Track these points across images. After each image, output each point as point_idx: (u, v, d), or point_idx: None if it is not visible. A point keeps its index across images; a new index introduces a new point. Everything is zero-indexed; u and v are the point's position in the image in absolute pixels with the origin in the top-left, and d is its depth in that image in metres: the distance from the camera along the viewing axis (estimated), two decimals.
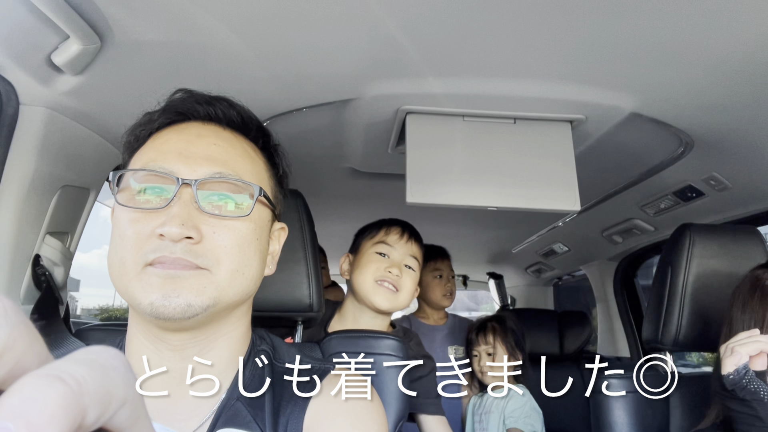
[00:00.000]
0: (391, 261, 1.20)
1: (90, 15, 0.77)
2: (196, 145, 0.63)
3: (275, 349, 0.72)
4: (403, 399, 0.88)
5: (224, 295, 0.60)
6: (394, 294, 1.18)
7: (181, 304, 0.57)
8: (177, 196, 0.59)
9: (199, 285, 0.58)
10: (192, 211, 0.59)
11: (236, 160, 0.65)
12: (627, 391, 0.97)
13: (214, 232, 0.60)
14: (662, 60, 0.90)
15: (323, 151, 1.46)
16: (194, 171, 0.61)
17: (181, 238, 0.57)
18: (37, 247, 0.97)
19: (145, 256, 0.57)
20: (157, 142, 0.65)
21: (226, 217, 0.61)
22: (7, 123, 0.89)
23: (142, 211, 0.59)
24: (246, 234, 0.62)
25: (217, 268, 0.60)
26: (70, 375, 0.17)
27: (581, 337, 2.16)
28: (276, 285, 0.94)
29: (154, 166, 0.61)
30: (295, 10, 0.79)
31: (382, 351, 0.89)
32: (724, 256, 1.06)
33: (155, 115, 0.67)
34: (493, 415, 1.66)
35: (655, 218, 1.72)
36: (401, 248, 1.22)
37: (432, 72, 0.99)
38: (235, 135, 0.68)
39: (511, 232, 2.55)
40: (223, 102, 0.68)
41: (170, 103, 0.68)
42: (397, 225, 1.25)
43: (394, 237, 1.22)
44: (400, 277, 1.18)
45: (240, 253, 0.62)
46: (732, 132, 1.12)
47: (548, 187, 1.14)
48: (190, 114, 0.67)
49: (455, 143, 1.15)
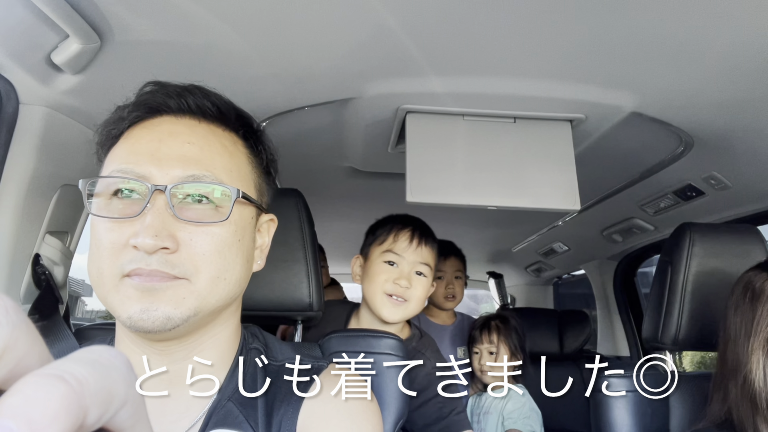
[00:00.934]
0: (399, 271, 1.15)
1: (90, 14, 0.77)
2: (168, 145, 0.60)
3: (268, 347, 0.70)
4: (402, 399, 0.88)
5: (205, 304, 0.58)
6: (402, 306, 1.14)
7: (159, 317, 0.55)
8: (150, 203, 0.56)
9: (178, 296, 0.56)
10: (166, 219, 0.56)
11: (212, 158, 0.61)
12: (627, 391, 0.97)
13: (192, 239, 0.57)
14: (662, 59, 0.90)
15: (323, 150, 1.46)
16: (167, 174, 0.58)
17: (155, 249, 0.55)
18: (36, 246, 0.97)
19: (121, 268, 0.55)
20: (129, 142, 0.61)
21: (203, 223, 0.58)
22: (7, 122, 0.89)
23: (116, 220, 0.57)
24: (225, 238, 0.59)
25: (196, 277, 0.57)
26: (72, 375, 0.17)
27: (581, 337, 2.16)
28: (276, 284, 0.94)
29: (125, 169, 0.58)
30: (295, 10, 0.79)
31: (381, 350, 0.89)
32: (724, 256, 1.06)
33: (125, 111, 0.63)
34: (491, 415, 1.65)
35: (655, 217, 1.72)
36: (411, 256, 1.16)
37: (432, 71, 0.99)
38: (211, 128, 0.64)
39: (511, 231, 2.55)
40: (197, 92, 0.64)
41: (140, 98, 0.64)
42: (406, 229, 1.19)
43: (403, 244, 1.16)
44: (409, 288, 1.14)
45: (220, 259, 0.59)
46: (732, 131, 1.12)
47: (548, 187, 1.14)
48: (162, 108, 0.63)
49: (455, 142, 1.15)
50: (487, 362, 1.70)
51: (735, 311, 0.84)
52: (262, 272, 0.93)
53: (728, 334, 0.83)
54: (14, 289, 0.93)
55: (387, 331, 1.02)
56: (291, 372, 0.67)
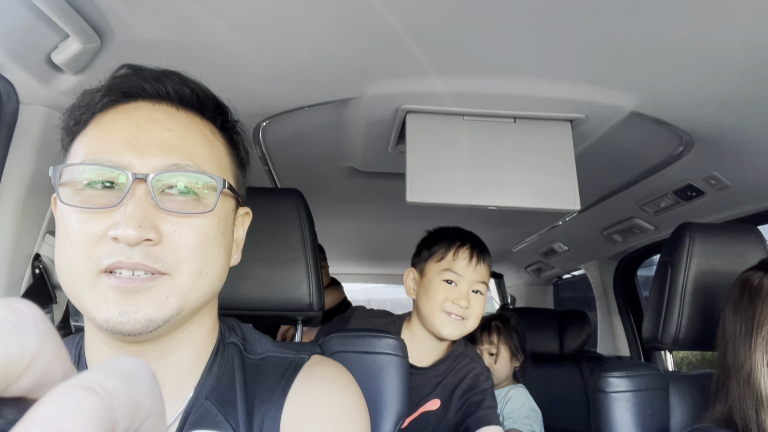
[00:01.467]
0: (459, 291, 1.15)
1: (90, 14, 0.77)
2: (147, 132, 0.55)
3: (246, 340, 0.67)
4: (403, 398, 0.88)
5: (188, 301, 0.55)
6: (460, 324, 1.15)
7: (141, 320, 0.51)
8: (130, 192, 0.52)
9: (161, 296, 0.53)
10: (148, 209, 0.52)
11: (194, 147, 0.57)
12: (627, 390, 0.97)
13: (175, 231, 0.53)
14: (662, 59, 0.90)
15: (323, 150, 1.46)
16: (147, 163, 0.53)
17: (139, 241, 0.51)
18: (36, 246, 0.97)
19: (98, 262, 0.51)
20: (101, 128, 0.56)
21: (187, 214, 0.54)
22: (7, 122, 0.89)
23: (91, 210, 0.52)
24: (210, 230, 0.56)
25: (179, 272, 0.54)
26: (103, 387, 0.17)
27: (581, 337, 2.16)
28: (276, 284, 0.94)
29: (101, 159, 0.53)
30: (295, 10, 0.79)
31: (382, 350, 0.89)
32: (724, 255, 1.06)
33: (96, 95, 0.58)
34: None
35: (655, 217, 1.72)
36: (470, 275, 1.16)
37: (432, 71, 0.99)
38: (190, 116, 0.60)
39: (511, 231, 2.55)
40: (174, 77, 0.59)
41: (113, 82, 0.59)
42: (465, 247, 1.18)
43: (463, 263, 1.16)
44: (468, 308, 1.15)
45: (204, 252, 0.55)
46: (732, 131, 1.12)
47: (548, 187, 1.14)
48: (137, 93, 0.58)
49: (455, 142, 1.15)
50: (487, 363, 1.70)
51: (734, 311, 0.84)
52: (262, 272, 0.94)
53: (728, 335, 0.84)
54: (14, 289, 0.93)
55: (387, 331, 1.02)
56: (271, 366, 0.64)
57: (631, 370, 0.99)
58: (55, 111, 0.93)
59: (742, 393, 0.79)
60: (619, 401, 0.97)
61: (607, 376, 0.99)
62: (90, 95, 0.59)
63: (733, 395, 0.80)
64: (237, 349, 0.65)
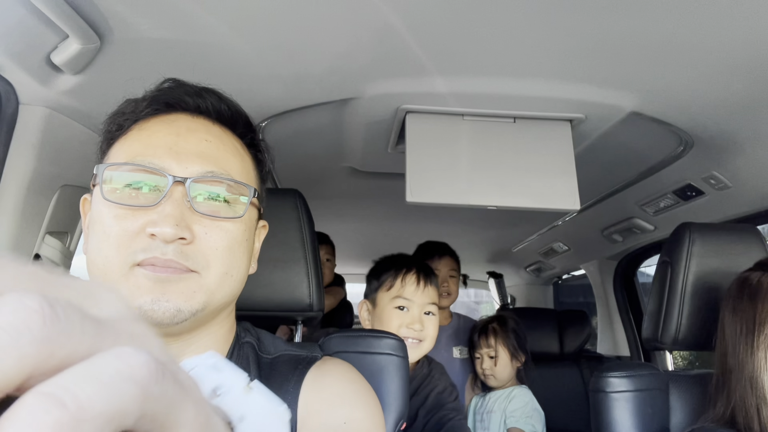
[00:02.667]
0: (411, 316, 1.19)
1: (89, 14, 0.77)
2: (186, 140, 0.60)
3: (260, 341, 0.70)
4: (403, 399, 0.88)
5: (213, 299, 0.59)
6: (418, 346, 1.18)
7: (170, 309, 0.55)
8: (168, 194, 0.56)
9: (189, 289, 0.56)
10: (185, 211, 0.56)
11: (227, 158, 0.62)
12: (627, 390, 0.97)
13: (206, 233, 0.58)
14: (662, 59, 0.90)
15: (323, 151, 1.46)
16: (186, 168, 0.58)
17: (174, 239, 0.55)
18: (36, 246, 0.97)
19: (133, 256, 0.54)
20: (143, 134, 0.61)
21: (219, 218, 0.58)
22: (7, 122, 0.89)
23: (129, 207, 0.56)
24: (237, 235, 0.60)
25: (207, 271, 0.58)
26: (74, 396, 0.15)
27: (581, 337, 2.17)
28: (276, 285, 0.94)
29: (143, 161, 0.58)
30: (295, 10, 0.79)
31: (382, 350, 0.89)
32: (724, 255, 1.06)
33: (141, 104, 0.63)
34: (494, 414, 1.66)
35: (654, 217, 1.72)
36: (419, 299, 1.20)
37: (432, 71, 0.99)
38: (224, 130, 0.65)
39: (511, 231, 2.55)
40: (213, 95, 0.65)
41: (158, 93, 0.64)
42: (411, 272, 1.22)
43: (411, 288, 1.20)
44: (422, 330, 1.18)
45: (230, 255, 0.60)
46: (732, 131, 1.12)
47: (548, 186, 1.14)
48: (179, 105, 0.64)
49: (455, 142, 1.15)
50: (487, 366, 1.71)
51: (733, 311, 0.84)
52: (261, 272, 0.94)
53: (728, 335, 0.83)
54: None
55: (388, 331, 1.02)
56: (284, 362, 0.67)
57: (630, 370, 0.99)
58: (54, 111, 0.93)
59: (744, 392, 0.79)
60: (618, 401, 0.97)
61: (607, 376, 0.99)
62: (133, 104, 0.64)
63: (734, 395, 0.80)
64: (252, 348, 0.68)
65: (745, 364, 0.79)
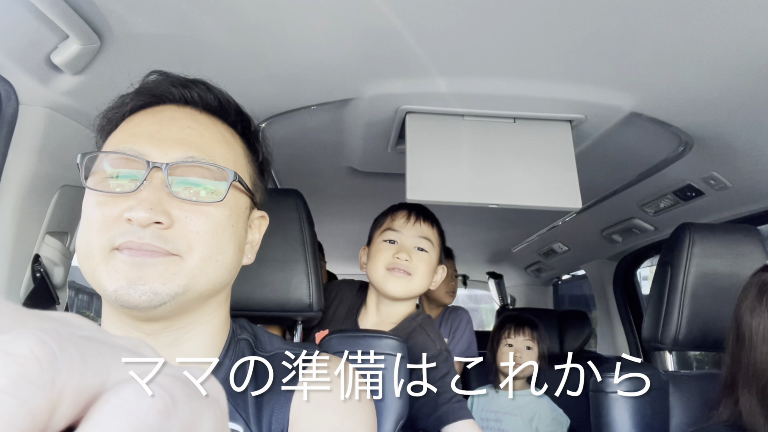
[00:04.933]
0: (399, 246, 1.15)
1: (89, 15, 0.77)
2: (168, 128, 0.60)
3: (257, 338, 0.70)
4: (403, 399, 0.88)
5: (196, 283, 0.58)
6: (406, 279, 1.13)
7: (146, 292, 0.55)
8: (147, 180, 0.56)
9: (168, 272, 0.56)
10: (162, 196, 0.56)
11: (211, 144, 0.62)
12: (627, 390, 0.97)
13: (186, 217, 0.57)
14: (662, 59, 0.90)
15: (323, 151, 1.46)
16: (166, 154, 0.58)
17: (149, 223, 0.55)
18: (36, 246, 0.97)
19: (111, 240, 0.55)
20: (129, 125, 0.62)
21: (198, 202, 0.58)
22: (7, 123, 0.89)
23: (111, 194, 0.57)
24: (220, 220, 0.60)
25: (189, 255, 0.57)
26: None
27: (581, 337, 2.16)
28: (276, 284, 0.94)
29: (124, 148, 0.58)
30: (294, 9, 0.79)
31: (382, 351, 0.89)
32: (724, 256, 1.06)
33: (128, 97, 0.64)
34: (516, 417, 1.62)
35: (654, 218, 1.72)
36: (409, 231, 1.16)
37: (431, 71, 0.99)
38: (211, 119, 0.65)
39: (511, 232, 2.55)
40: (201, 85, 0.65)
41: (144, 86, 0.65)
42: (403, 208, 1.20)
43: (401, 221, 1.17)
44: (411, 261, 1.13)
45: (213, 239, 0.59)
46: (732, 131, 1.12)
47: (549, 185, 1.14)
48: (165, 97, 0.64)
49: (455, 142, 1.15)
50: (523, 356, 1.66)
51: (751, 314, 0.79)
52: (261, 272, 0.94)
53: (743, 339, 0.80)
54: (14, 290, 0.93)
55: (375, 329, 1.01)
56: (280, 363, 0.66)
57: (630, 370, 0.99)
58: (54, 112, 0.93)
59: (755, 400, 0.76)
60: (618, 401, 0.97)
61: (607, 376, 0.99)
62: (122, 98, 0.65)
63: (743, 401, 0.78)
64: (248, 344, 0.68)
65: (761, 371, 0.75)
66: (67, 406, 0.15)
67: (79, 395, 0.16)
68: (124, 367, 0.17)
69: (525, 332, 1.70)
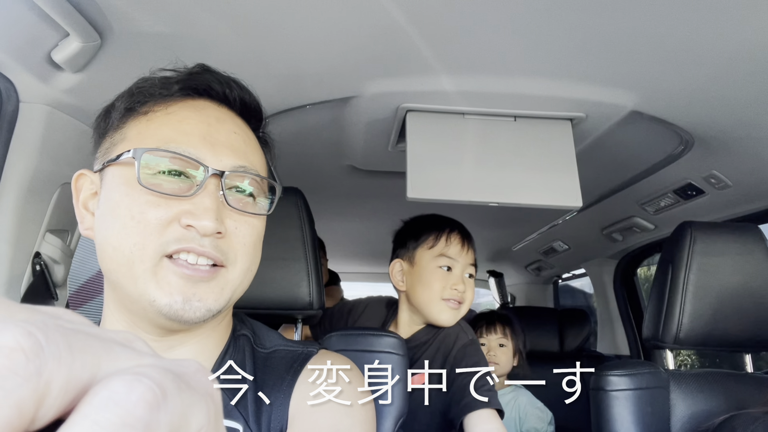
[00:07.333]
0: (455, 276, 1.14)
1: (90, 12, 0.77)
2: (217, 131, 0.59)
3: (255, 334, 0.70)
4: (403, 397, 0.88)
5: (235, 295, 0.59)
6: (458, 309, 1.14)
7: (201, 309, 0.54)
8: (205, 186, 0.55)
9: (218, 287, 0.56)
10: (219, 204, 0.56)
11: (253, 152, 0.62)
12: (627, 389, 0.97)
13: (236, 228, 0.57)
14: (663, 58, 0.90)
15: (323, 149, 1.46)
16: (220, 161, 0.57)
17: (213, 232, 0.54)
18: (37, 244, 0.97)
19: (166, 245, 0.53)
20: (172, 119, 0.58)
21: (248, 213, 0.58)
22: (7, 120, 0.89)
23: (162, 195, 0.54)
24: (260, 231, 0.61)
25: (234, 266, 0.58)
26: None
27: (581, 336, 2.17)
28: (276, 283, 0.94)
29: (178, 149, 0.56)
30: (295, 8, 0.78)
31: (382, 349, 0.89)
32: (725, 254, 1.06)
33: (172, 86, 0.60)
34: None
35: (655, 216, 1.72)
36: (464, 259, 1.16)
37: (432, 70, 0.98)
38: (244, 122, 0.64)
39: (511, 231, 2.55)
40: (237, 85, 0.64)
41: (187, 76, 0.62)
42: (456, 233, 1.18)
43: (456, 249, 1.16)
44: (465, 292, 1.14)
45: (254, 251, 0.60)
46: (732, 130, 1.12)
47: (550, 184, 1.14)
48: (206, 92, 0.62)
49: (456, 141, 1.15)
50: (496, 354, 1.68)
51: None
52: (262, 270, 0.93)
53: None
54: (15, 288, 0.93)
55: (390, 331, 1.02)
56: (280, 358, 0.66)
57: (631, 369, 0.99)
58: (55, 109, 0.93)
59: None
60: (619, 399, 0.97)
61: (608, 374, 0.99)
62: (151, 81, 0.61)
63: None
64: (248, 341, 0.68)
65: None
66: (55, 397, 0.15)
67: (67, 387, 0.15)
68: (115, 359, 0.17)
69: (497, 330, 1.71)
